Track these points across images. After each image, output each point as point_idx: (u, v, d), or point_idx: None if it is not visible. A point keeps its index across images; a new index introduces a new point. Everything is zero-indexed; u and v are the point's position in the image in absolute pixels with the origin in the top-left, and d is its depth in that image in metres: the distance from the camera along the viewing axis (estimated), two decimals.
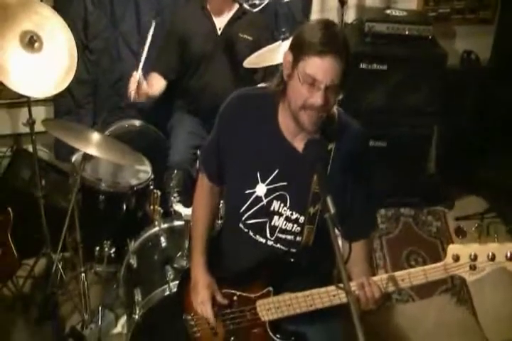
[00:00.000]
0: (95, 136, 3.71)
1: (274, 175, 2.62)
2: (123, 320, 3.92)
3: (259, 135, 2.64)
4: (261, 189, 2.65)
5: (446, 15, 5.30)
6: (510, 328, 4.06)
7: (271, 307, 2.63)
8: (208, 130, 4.19)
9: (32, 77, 3.65)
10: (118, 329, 3.96)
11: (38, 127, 3.96)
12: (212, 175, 2.85)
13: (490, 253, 2.29)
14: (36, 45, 3.68)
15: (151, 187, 3.92)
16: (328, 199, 2.28)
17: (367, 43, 4.80)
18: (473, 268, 2.32)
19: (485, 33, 5.39)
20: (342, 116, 2.62)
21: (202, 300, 2.76)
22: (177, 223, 3.66)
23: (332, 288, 2.44)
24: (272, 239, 2.70)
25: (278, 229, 2.68)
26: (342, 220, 2.49)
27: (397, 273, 2.44)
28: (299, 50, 2.40)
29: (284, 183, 2.62)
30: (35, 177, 4.12)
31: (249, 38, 4.17)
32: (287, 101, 2.51)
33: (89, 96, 4.77)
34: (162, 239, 3.62)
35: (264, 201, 2.66)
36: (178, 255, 3.44)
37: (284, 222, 2.67)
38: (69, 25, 3.85)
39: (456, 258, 2.33)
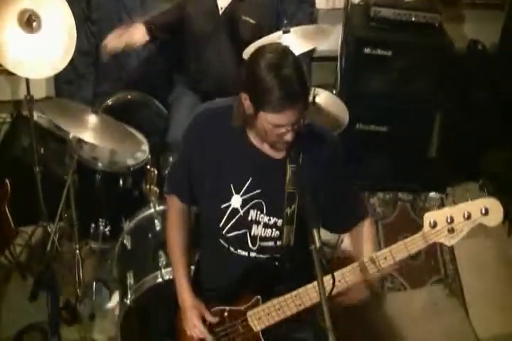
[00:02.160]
0: (92, 119, 3.56)
1: (247, 184, 2.54)
2: (117, 294, 3.84)
3: (228, 147, 2.54)
4: (236, 200, 2.55)
5: None
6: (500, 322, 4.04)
7: (261, 316, 2.54)
8: None
9: (30, 57, 3.47)
10: (112, 303, 3.91)
11: (38, 94, 3.85)
12: (183, 195, 2.73)
13: (465, 213, 2.25)
14: (34, 24, 3.47)
15: (148, 166, 3.80)
16: (315, 232, 2.23)
17: (372, 28, 4.60)
18: (451, 231, 2.28)
19: (494, 18, 5.14)
20: (313, 126, 2.53)
21: (192, 323, 2.65)
22: None
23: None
24: (255, 249, 2.61)
25: (259, 238, 2.59)
26: (327, 217, 2.57)
27: (379, 253, 2.40)
28: (256, 102, 2.30)
29: (259, 191, 2.54)
30: (33, 149, 4.02)
31: (252, 21, 3.96)
32: (256, 130, 2.43)
33: (91, 67, 4.62)
34: (156, 222, 3.52)
35: (241, 212, 2.56)
36: None
37: (263, 229, 2.58)
38: None
39: (434, 225, 2.28)
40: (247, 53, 3.53)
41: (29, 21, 3.46)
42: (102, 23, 4.61)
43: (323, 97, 3.67)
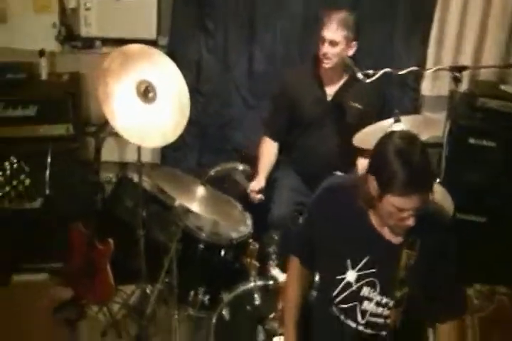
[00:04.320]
0: (200, 191, 3.59)
1: (364, 262, 2.57)
2: None
3: (349, 223, 2.59)
4: (351, 275, 2.60)
5: None
6: None
7: None
8: (310, 188, 4.02)
9: (143, 126, 3.47)
10: None
11: (144, 158, 3.91)
12: (303, 259, 2.83)
13: None
14: (150, 95, 3.49)
15: (251, 240, 3.75)
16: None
17: (477, 118, 4.46)
18: None
19: None
20: (428, 208, 2.48)
21: None
22: (272, 282, 3.49)
23: None
24: (363, 322, 2.63)
25: (369, 313, 2.62)
26: (431, 305, 2.58)
27: None
28: (382, 185, 2.34)
29: (374, 270, 2.57)
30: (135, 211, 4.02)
31: (360, 106, 3.94)
32: (379, 211, 2.46)
33: (197, 137, 4.63)
34: (256, 297, 3.47)
35: (354, 287, 2.60)
36: (271, 316, 3.30)
37: (375, 307, 2.61)
38: (182, 67, 3.66)
39: None
40: (357, 139, 3.48)
41: (146, 92, 3.48)
42: (210, 95, 4.63)
43: None
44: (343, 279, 2.61)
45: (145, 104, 3.49)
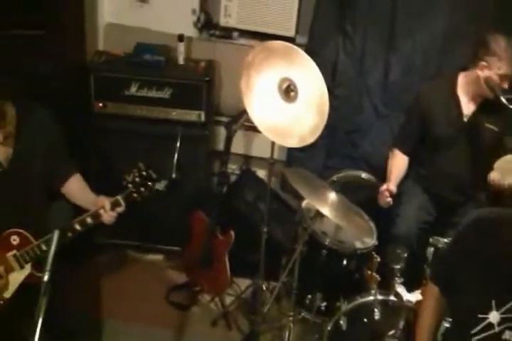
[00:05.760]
0: (332, 196, 3.50)
1: (509, 304, 2.41)
2: None
3: (498, 262, 2.43)
4: (494, 316, 2.45)
5: None
6: None
7: None
8: (436, 208, 3.91)
9: (281, 124, 3.37)
10: None
11: (268, 154, 3.79)
12: (442, 289, 2.69)
13: None
14: (292, 94, 3.37)
15: (374, 253, 3.64)
16: None
17: None
18: None
19: None
20: None
21: None
22: (393, 298, 3.37)
23: None
24: None
25: None
26: None
27: None
28: None
29: None
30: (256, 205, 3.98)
31: (496, 129, 3.76)
32: None
33: (325, 139, 4.45)
34: (376, 311, 3.37)
35: (497, 329, 2.45)
36: (390, 333, 3.22)
37: None
38: (319, 68, 3.54)
39: None
40: (498, 167, 3.30)
41: (288, 90, 3.38)
42: (342, 99, 4.49)
43: None
44: (485, 319, 2.46)
45: (285, 103, 3.39)
